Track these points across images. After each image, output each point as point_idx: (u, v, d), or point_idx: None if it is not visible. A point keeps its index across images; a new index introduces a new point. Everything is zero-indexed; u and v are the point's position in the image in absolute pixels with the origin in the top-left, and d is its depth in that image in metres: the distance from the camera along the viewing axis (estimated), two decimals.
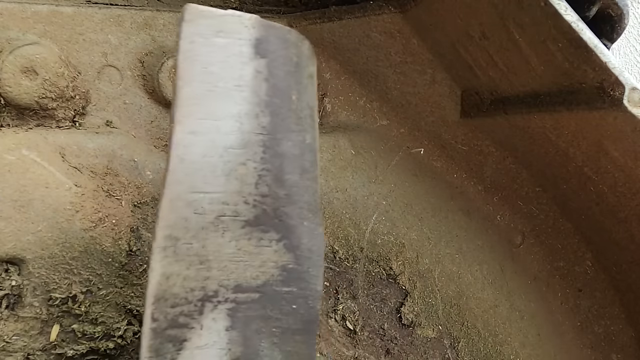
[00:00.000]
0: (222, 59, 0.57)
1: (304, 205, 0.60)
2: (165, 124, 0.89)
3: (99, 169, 0.78)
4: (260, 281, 0.58)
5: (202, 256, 0.56)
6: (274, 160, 0.59)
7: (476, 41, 0.79)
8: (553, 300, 0.97)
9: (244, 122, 0.57)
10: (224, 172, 0.56)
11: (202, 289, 0.56)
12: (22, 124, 0.78)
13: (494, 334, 0.96)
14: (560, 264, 0.98)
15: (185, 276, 0.55)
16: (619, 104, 0.64)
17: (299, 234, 0.60)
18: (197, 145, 0.55)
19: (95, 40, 0.83)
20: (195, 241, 0.55)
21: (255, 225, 0.58)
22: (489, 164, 0.97)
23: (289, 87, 0.60)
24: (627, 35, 1.76)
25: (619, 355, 0.96)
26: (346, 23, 0.90)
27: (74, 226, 0.75)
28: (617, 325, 0.95)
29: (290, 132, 0.60)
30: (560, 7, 0.63)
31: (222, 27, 0.57)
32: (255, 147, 0.58)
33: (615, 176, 0.77)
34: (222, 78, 0.57)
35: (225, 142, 0.56)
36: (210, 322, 0.56)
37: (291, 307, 0.59)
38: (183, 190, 0.55)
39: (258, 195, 0.58)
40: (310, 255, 0.60)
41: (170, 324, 0.54)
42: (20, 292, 0.74)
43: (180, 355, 0.54)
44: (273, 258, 0.59)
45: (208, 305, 0.56)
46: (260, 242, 0.58)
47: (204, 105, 0.56)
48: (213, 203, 0.56)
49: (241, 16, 0.59)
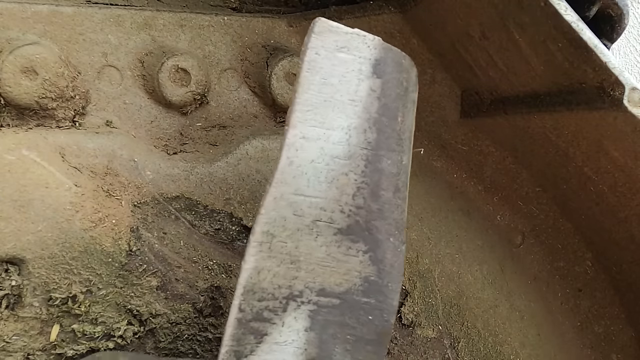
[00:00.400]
0: (341, 73, 0.61)
1: (392, 222, 0.63)
2: (165, 124, 0.89)
3: (99, 169, 0.78)
4: (342, 288, 0.61)
5: (294, 256, 0.58)
6: (373, 175, 0.62)
7: (476, 41, 0.79)
8: (553, 300, 0.97)
9: (352, 135, 0.61)
10: (327, 180, 0.60)
11: (289, 288, 0.58)
12: (22, 124, 0.78)
13: (494, 334, 0.96)
14: (560, 264, 0.98)
15: (276, 273, 0.57)
16: (619, 104, 0.64)
17: (384, 248, 0.63)
18: (306, 150, 0.59)
19: (95, 40, 0.83)
20: (290, 241, 0.58)
21: (346, 234, 0.61)
22: (489, 164, 0.97)
23: (396, 108, 0.64)
24: (627, 35, 1.76)
25: (619, 355, 0.96)
26: (346, 23, 0.90)
27: (74, 226, 0.75)
28: (617, 325, 0.95)
29: (391, 152, 0.63)
30: (560, 7, 0.63)
31: (346, 44, 0.61)
32: (359, 160, 0.61)
33: (615, 176, 0.77)
34: (338, 91, 0.61)
35: (332, 151, 0.60)
36: (292, 321, 0.58)
37: (367, 317, 0.62)
38: (287, 191, 0.58)
39: (354, 206, 0.61)
40: (392, 270, 0.63)
41: (254, 317, 0.57)
42: (20, 292, 0.74)
43: (259, 348, 0.57)
44: (358, 268, 0.61)
45: (292, 304, 0.58)
46: (349, 251, 0.61)
47: (319, 113, 0.60)
48: (312, 207, 0.59)
49: (365, 36, 0.62)
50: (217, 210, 0.84)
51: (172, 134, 0.89)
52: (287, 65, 0.89)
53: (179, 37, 0.88)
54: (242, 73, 0.92)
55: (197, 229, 0.83)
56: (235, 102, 0.92)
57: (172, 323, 0.81)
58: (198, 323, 0.83)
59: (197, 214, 0.83)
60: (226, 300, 0.84)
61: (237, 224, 0.85)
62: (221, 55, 0.91)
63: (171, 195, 0.82)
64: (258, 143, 0.86)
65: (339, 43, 0.61)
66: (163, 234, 0.81)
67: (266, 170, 0.86)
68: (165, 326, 0.81)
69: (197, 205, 0.83)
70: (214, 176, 0.84)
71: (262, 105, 0.94)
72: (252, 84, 0.93)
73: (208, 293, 0.83)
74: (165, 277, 0.81)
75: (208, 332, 0.83)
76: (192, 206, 0.83)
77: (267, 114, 0.94)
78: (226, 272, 0.84)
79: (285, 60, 0.89)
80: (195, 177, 0.83)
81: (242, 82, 0.93)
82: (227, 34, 0.90)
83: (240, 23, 0.91)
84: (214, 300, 0.83)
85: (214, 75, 0.90)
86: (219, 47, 0.90)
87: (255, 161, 0.86)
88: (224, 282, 0.84)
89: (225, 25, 0.90)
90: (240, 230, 0.85)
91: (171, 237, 0.81)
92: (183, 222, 0.82)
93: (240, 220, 0.84)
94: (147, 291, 0.80)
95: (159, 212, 0.81)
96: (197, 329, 0.83)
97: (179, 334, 0.82)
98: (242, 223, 0.84)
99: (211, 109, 0.91)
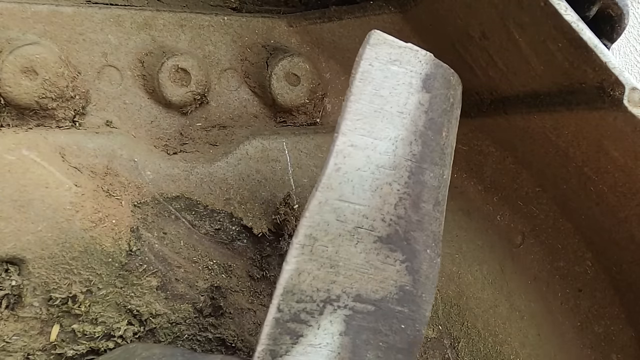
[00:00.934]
0: (392, 85, 0.62)
1: (430, 234, 0.65)
2: (165, 124, 0.89)
3: (99, 169, 0.78)
4: (378, 296, 0.62)
5: (334, 261, 0.59)
6: (416, 187, 0.63)
7: (476, 41, 0.79)
8: (553, 300, 0.97)
9: (398, 146, 0.62)
10: (371, 188, 0.61)
11: (327, 291, 0.59)
12: (22, 124, 0.78)
13: (494, 334, 0.96)
14: (560, 264, 0.98)
15: (315, 276, 0.59)
16: (619, 104, 0.64)
17: (421, 259, 0.64)
18: (354, 158, 0.60)
19: (95, 40, 0.83)
20: (331, 245, 0.59)
21: (385, 243, 0.62)
22: (489, 164, 0.97)
23: (442, 123, 0.65)
24: (627, 35, 1.76)
25: (619, 355, 0.96)
26: (346, 23, 0.90)
27: (74, 226, 0.75)
28: (617, 325, 0.95)
29: (434, 165, 0.65)
30: (560, 7, 0.63)
31: (399, 57, 0.63)
32: (403, 171, 0.62)
33: (615, 176, 0.77)
34: (389, 102, 0.62)
35: (378, 160, 0.61)
36: (327, 324, 0.59)
37: (400, 326, 0.63)
38: (332, 197, 0.59)
39: (395, 215, 0.62)
40: (426, 281, 0.64)
41: (292, 318, 0.58)
42: (20, 292, 0.74)
43: (294, 349, 0.58)
44: (394, 277, 0.62)
45: (329, 307, 0.59)
46: (387, 260, 0.62)
47: (368, 123, 0.61)
48: (355, 214, 0.60)
49: (418, 51, 0.64)
50: (217, 210, 0.84)
51: (172, 134, 0.89)
52: (287, 65, 0.89)
53: (179, 37, 0.88)
54: (242, 73, 0.92)
55: (197, 229, 0.83)
56: (235, 102, 0.92)
57: (172, 323, 0.81)
58: (198, 323, 0.83)
59: (197, 214, 0.83)
60: (226, 300, 0.84)
61: (237, 224, 0.85)
62: (221, 55, 0.91)
63: (171, 195, 0.82)
64: (258, 143, 0.86)
65: (392, 56, 0.63)
66: (163, 234, 0.81)
67: (266, 170, 0.86)
68: (165, 326, 0.81)
69: (197, 205, 0.83)
70: (214, 176, 0.84)
71: (262, 105, 0.94)
72: (252, 84, 0.93)
73: (208, 293, 0.83)
74: (165, 277, 0.81)
75: (208, 332, 0.83)
76: (192, 206, 0.83)
77: (267, 114, 0.94)
78: (226, 272, 0.84)
79: (285, 60, 0.89)
80: (195, 177, 0.83)
81: (242, 82, 0.93)
82: (227, 34, 0.90)
83: (240, 23, 0.91)
84: (214, 300, 0.83)
85: (214, 75, 0.90)
86: (219, 47, 0.90)
87: (255, 161, 0.86)
88: (224, 282, 0.84)
89: (225, 25, 0.90)
90: (240, 230, 0.85)
91: (171, 237, 0.81)
92: (183, 222, 0.82)
93: (240, 220, 0.84)
94: (147, 291, 0.80)
95: (159, 212, 0.81)
96: (197, 329, 0.83)
97: (179, 334, 0.82)
98: (242, 223, 0.84)
99: (211, 109, 0.91)
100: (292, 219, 0.85)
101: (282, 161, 0.87)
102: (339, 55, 0.94)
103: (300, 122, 0.94)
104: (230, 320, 0.84)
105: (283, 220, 0.84)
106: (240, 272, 0.85)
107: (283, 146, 0.87)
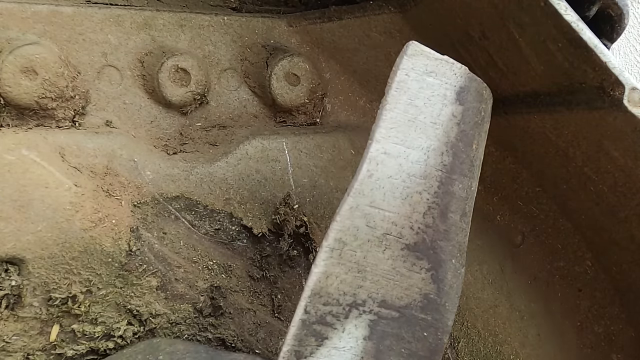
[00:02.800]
0: (427, 96, 0.63)
1: (456, 244, 0.66)
2: (165, 124, 0.89)
3: (99, 169, 0.78)
4: (403, 302, 0.62)
5: (361, 266, 0.60)
6: (445, 197, 0.64)
7: (476, 41, 0.79)
8: (553, 300, 0.97)
9: (430, 156, 0.63)
10: (401, 196, 0.62)
11: (353, 296, 0.60)
12: (22, 124, 0.78)
13: (494, 334, 0.96)
14: (560, 264, 0.98)
15: (343, 280, 0.59)
16: (619, 104, 0.64)
17: (446, 269, 0.65)
18: (386, 166, 0.61)
19: (95, 40, 0.83)
20: (360, 250, 0.60)
21: (412, 251, 0.63)
22: (488, 164, 0.97)
23: (472, 136, 0.67)
24: (627, 35, 1.76)
25: (619, 355, 0.96)
26: (346, 23, 0.90)
27: (74, 226, 0.75)
28: (617, 325, 0.95)
29: (463, 176, 0.66)
30: (560, 7, 0.63)
31: (435, 69, 0.64)
32: (433, 181, 0.63)
33: (615, 176, 0.77)
34: (422, 112, 0.63)
35: (410, 169, 0.62)
36: (352, 328, 0.60)
37: (423, 334, 0.63)
38: (363, 202, 0.60)
39: (423, 224, 0.63)
40: (450, 291, 0.65)
41: (318, 320, 0.58)
42: (20, 292, 0.74)
43: (319, 351, 0.58)
44: (419, 284, 0.63)
45: (354, 311, 0.60)
46: (413, 267, 0.63)
47: (402, 132, 0.62)
48: (384, 220, 0.61)
49: (454, 64, 0.65)
50: (217, 210, 0.84)
51: (172, 134, 0.89)
52: (287, 65, 0.89)
53: (179, 37, 0.88)
54: (242, 73, 0.92)
55: (197, 229, 0.83)
56: (235, 102, 0.92)
57: (172, 323, 0.81)
58: (198, 323, 0.83)
59: (197, 214, 0.83)
60: (226, 300, 0.84)
61: (236, 224, 0.85)
62: (221, 55, 0.91)
63: (171, 195, 0.82)
64: (258, 143, 0.86)
65: (429, 67, 0.64)
66: (163, 234, 0.81)
67: (266, 170, 0.86)
68: (165, 326, 0.81)
69: (197, 205, 0.83)
70: (213, 176, 0.84)
71: (262, 105, 0.94)
72: (252, 84, 0.93)
73: (208, 293, 0.83)
74: (165, 277, 0.81)
75: (208, 332, 0.83)
76: (192, 206, 0.83)
77: (267, 114, 0.94)
78: (226, 272, 0.84)
79: (285, 60, 0.89)
80: (195, 177, 0.83)
81: (242, 82, 0.93)
82: (227, 34, 0.90)
83: (240, 23, 0.91)
84: (213, 300, 0.83)
85: (214, 75, 0.90)
86: (219, 47, 0.90)
87: (255, 161, 0.86)
88: (224, 282, 0.84)
89: (225, 25, 0.90)
90: (240, 230, 0.85)
91: (171, 237, 0.81)
92: (183, 222, 0.82)
93: (240, 220, 0.84)
94: (147, 291, 0.80)
95: (158, 212, 0.81)
96: (197, 329, 0.83)
97: (178, 334, 0.82)
98: (241, 223, 0.84)
99: (211, 109, 0.91)
100: (292, 219, 0.85)
101: (282, 161, 0.87)
102: (339, 55, 0.94)
103: (300, 122, 0.94)
104: (230, 320, 0.84)
105: (283, 220, 0.84)
106: (240, 272, 0.85)
107: (283, 146, 0.87)
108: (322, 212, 0.88)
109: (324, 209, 0.88)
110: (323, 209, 0.88)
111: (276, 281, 0.87)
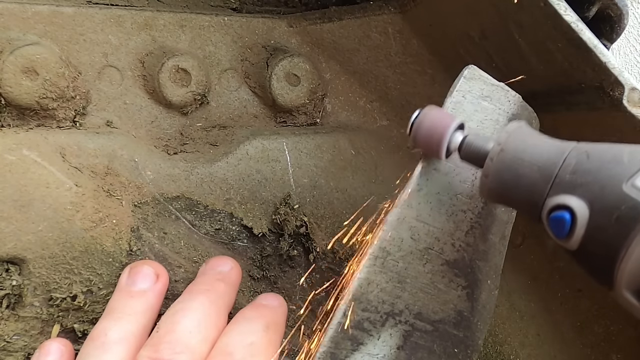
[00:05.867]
0: (480, 119, 0.64)
1: (492, 265, 0.67)
2: (165, 125, 0.89)
3: (100, 169, 0.78)
4: (438, 317, 0.64)
5: (402, 276, 0.61)
6: (487, 218, 0.65)
7: (476, 41, 0.79)
8: (553, 300, 0.97)
9: (477, 177, 0.63)
10: (447, 213, 0.63)
11: (391, 305, 0.61)
12: (22, 124, 0.78)
13: (494, 334, 0.96)
14: (560, 264, 0.98)
15: (383, 288, 0.60)
16: (618, 104, 0.64)
17: (481, 288, 0.66)
18: (436, 182, 0.62)
19: (95, 41, 0.83)
20: (402, 261, 0.61)
21: (451, 267, 0.64)
22: None
23: None
24: (627, 35, 1.76)
25: (619, 355, 0.96)
26: (346, 23, 0.90)
27: (75, 226, 0.75)
28: (617, 325, 0.95)
29: None
30: (560, 7, 0.63)
31: (490, 94, 0.65)
32: (478, 202, 0.64)
33: None
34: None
35: (458, 188, 0.63)
36: (387, 336, 0.61)
37: (454, 349, 0.65)
38: (410, 215, 0.61)
39: (464, 242, 0.64)
40: (483, 310, 0.66)
41: (355, 325, 0.59)
42: (20, 292, 0.74)
43: (353, 356, 0.60)
44: (454, 301, 0.64)
45: (391, 320, 0.61)
46: (450, 284, 0.64)
47: None
48: (428, 235, 0.62)
49: (509, 91, 0.66)
50: (218, 210, 0.84)
51: (173, 134, 0.89)
52: (288, 66, 0.90)
53: (180, 38, 0.88)
54: (243, 73, 0.92)
55: (198, 229, 0.83)
56: (235, 102, 0.93)
57: None
58: None
59: (198, 214, 0.83)
60: None
61: (237, 224, 0.85)
62: (221, 56, 0.91)
63: (171, 195, 0.82)
64: (258, 143, 0.86)
65: (485, 92, 0.65)
66: (163, 234, 0.81)
67: (266, 170, 0.86)
68: None
69: (197, 205, 0.83)
70: (214, 176, 0.84)
71: (262, 105, 0.94)
72: (252, 84, 0.93)
73: None
74: None
75: None
76: (192, 206, 0.83)
77: (267, 114, 0.94)
78: None
79: (285, 60, 0.90)
80: (195, 177, 0.83)
81: (243, 83, 0.93)
82: (227, 35, 0.91)
83: (241, 23, 0.91)
84: None
85: (214, 75, 0.91)
86: (219, 47, 0.90)
87: (256, 161, 0.86)
88: None
89: (225, 26, 0.90)
90: (240, 230, 0.85)
91: (171, 237, 0.81)
92: (183, 222, 0.82)
93: (241, 220, 0.84)
94: None
95: (159, 212, 0.81)
96: None
97: None
98: (242, 223, 0.85)
99: (211, 109, 0.91)
100: (292, 219, 0.85)
101: (282, 161, 0.87)
102: (339, 56, 0.94)
103: (301, 122, 0.94)
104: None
105: (283, 220, 0.84)
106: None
107: (283, 146, 0.87)
108: (323, 212, 0.88)
109: (324, 209, 0.88)
110: (323, 209, 0.88)
111: (276, 281, 0.87)
